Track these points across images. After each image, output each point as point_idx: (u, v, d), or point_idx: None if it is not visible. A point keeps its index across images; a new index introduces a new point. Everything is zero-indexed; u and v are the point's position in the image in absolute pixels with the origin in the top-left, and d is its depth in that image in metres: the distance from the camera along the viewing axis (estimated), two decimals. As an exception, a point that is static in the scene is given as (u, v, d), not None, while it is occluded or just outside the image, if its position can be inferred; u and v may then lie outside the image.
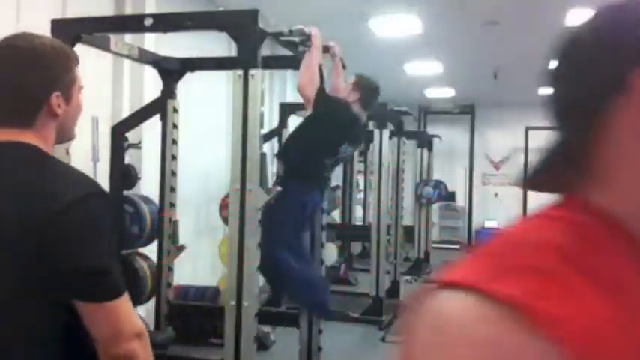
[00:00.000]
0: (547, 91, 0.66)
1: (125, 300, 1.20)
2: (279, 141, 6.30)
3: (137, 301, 4.25)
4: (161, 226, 3.98)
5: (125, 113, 4.73)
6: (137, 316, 1.24)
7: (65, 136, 1.34)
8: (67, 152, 3.11)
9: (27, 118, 1.22)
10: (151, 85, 4.67)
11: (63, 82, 1.26)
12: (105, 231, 1.21)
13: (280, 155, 3.76)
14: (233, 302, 2.75)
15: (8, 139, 1.21)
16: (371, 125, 6.62)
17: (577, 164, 0.61)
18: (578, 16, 6.52)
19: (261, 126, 2.86)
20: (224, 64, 4.32)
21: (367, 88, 3.60)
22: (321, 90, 3.31)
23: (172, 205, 3.99)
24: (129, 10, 4.90)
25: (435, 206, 11.68)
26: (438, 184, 9.65)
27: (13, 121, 1.22)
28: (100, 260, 1.18)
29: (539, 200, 0.77)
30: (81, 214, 1.16)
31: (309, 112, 3.36)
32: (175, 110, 3.99)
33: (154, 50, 4.22)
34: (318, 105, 3.28)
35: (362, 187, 10.29)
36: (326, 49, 3.41)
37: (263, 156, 2.82)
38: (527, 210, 12.67)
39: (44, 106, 1.23)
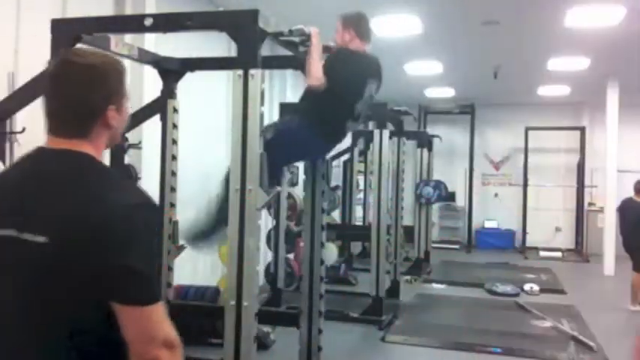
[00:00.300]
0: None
1: (160, 307, 1.26)
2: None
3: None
4: (161, 226, 3.98)
5: (125, 113, 4.73)
6: (170, 326, 1.27)
7: (114, 142, 1.45)
8: (67, 152, 3.12)
9: (84, 129, 1.34)
10: (151, 85, 4.67)
11: (116, 96, 1.37)
12: (149, 240, 1.31)
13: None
14: (233, 302, 2.75)
15: (67, 147, 1.33)
16: (371, 125, 6.63)
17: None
18: (577, 16, 6.56)
19: (261, 126, 2.85)
20: (224, 64, 4.32)
21: (356, 19, 3.60)
22: (326, 59, 3.33)
23: (172, 205, 3.99)
24: (129, 10, 4.90)
25: (435, 206, 11.69)
26: (438, 184, 9.65)
27: (71, 132, 1.34)
28: (141, 266, 1.24)
29: (539, 200, 0.77)
30: (129, 221, 1.25)
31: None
32: (175, 110, 3.99)
33: (154, 50, 4.22)
34: (327, 67, 3.27)
35: (362, 187, 10.30)
36: (326, 49, 3.41)
37: (263, 156, 2.81)
38: (526, 210, 12.69)
39: (100, 119, 1.35)
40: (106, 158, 4.13)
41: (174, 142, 3.97)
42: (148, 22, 3.00)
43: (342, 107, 3.43)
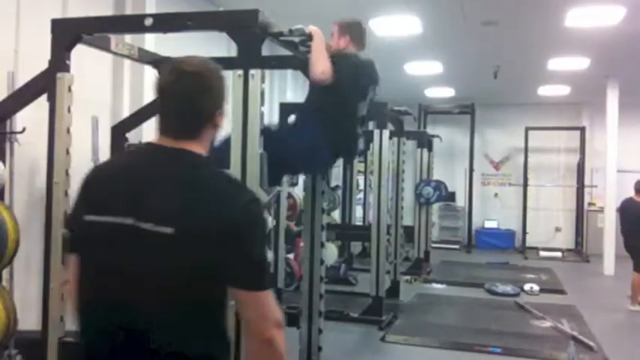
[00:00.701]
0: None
1: (271, 293, 1.43)
2: (279, 141, 6.31)
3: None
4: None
5: (125, 113, 4.73)
6: (278, 308, 1.44)
7: (214, 139, 1.60)
8: (67, 152, 3.11)
9: (196, 131, 1.49)
10: (151, 85, 4.66)
11: (222, 100, 1.54)
12: (263, 232, 1.47)
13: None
14: (233, 302, 2.74)
15: (180, 147, 1.46)
16: (371, 125, 6.62)
17: None
18: (577, 16, 6.56)
19: (261, 126, 2.85)
20: (224, 64, 4.28)
21: (352, 26, 3.58)
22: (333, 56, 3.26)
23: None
24: (129, 10, 4.90)
25: (435, 206, 11.69)
26: (438, 184, 9.65)
27: (184, 133, 1.48)
28: (259, 255, 1.42)
29: (539, 200, 0.77)
30: (251, 215, 1.43)
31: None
32: (175, 110, 3.99)
33: (154, 50, 4.22)
34: (335, 66, 3.18)
35: (362, 187, 10.29)
36: (326, 47, 3.40)
37: (263, 156, 2.80)
38: (526, 210, 12.70)
39: (210, 121, 1.51)
40: (105, 158, 4.13)
41: (174, 142, 3.97)
42: (148, 22, 3.00)
43: (349, 108, 3.37)
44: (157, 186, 1.41)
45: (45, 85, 3.14)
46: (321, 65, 3.12)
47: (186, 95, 1.46)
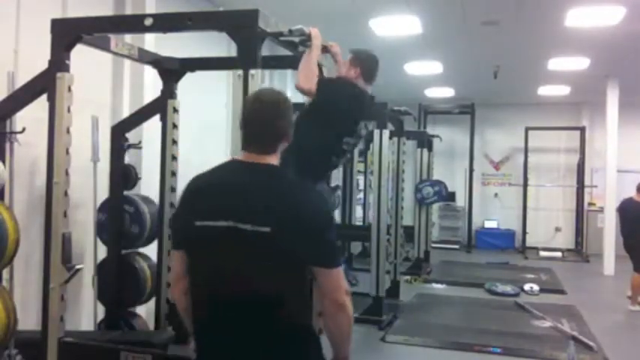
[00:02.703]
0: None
1: (341, 269, 1.86)
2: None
3: (137, 301, 4.26)
4: (161, 226, 3.98)
5: (125, 113, 4.73)
6: (346, 281, 1.88)
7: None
8: (67, 152, 3.11)
9: (274, 148, 1.91)
10: (151, 85, 4.66)
11: (291, 120, 1.96)
12: (333, 222, 1.97)
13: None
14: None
15: (261, 161, 1.88)
16: (371, 125, 6.61)
17: None
18: (577, 16, 6.56)
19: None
20: (224, 64, 4.31)
21: (366, 60, 3.51)
22: (321, 78, 3.18)
23: (172, 205, 3.98)
24: (129, 10, 4.90)
25: (435, 206, 11.69)
26: (438, 184, 9.65)
27: (265, 150, 1.89)
28: (333, 241, 1.89)
29: (539, 200, 0.77)
30: (323, 213, 1.90)
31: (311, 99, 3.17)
32: (175, 110, 3.98)
33: (154, 50, 4.21)
34: (320, 89, 3.06)
35: (362, 187, 10.29)
36: (325, 49, 3.39)
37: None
38: (526, 210, 12.70)
39: (284, 139, 1.92)
40: (105, 158, 4.14)
41: (175, 142, 3.96)
42: (148, 22, 3.00)
43: (331, 137, 3.19)
44: (250, 195, 1.81)
45: (45, 85, 3.14)
46: (306, 75, 3.03)
47: (267, 120, 1.88)
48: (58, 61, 3.11)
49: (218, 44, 5.11)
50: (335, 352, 2.00)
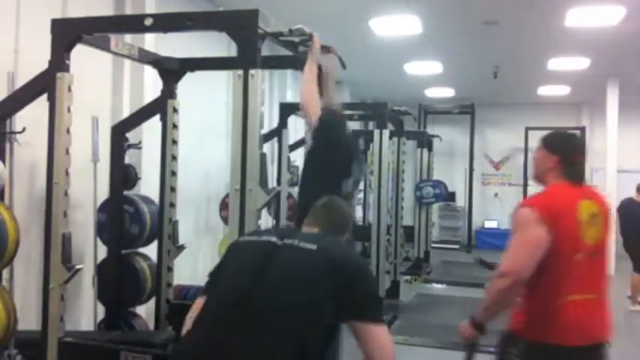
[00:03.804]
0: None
1: (386, 328, 1.81)
2: (279, 141, 6.30)
3: (137, 301, 4.26)
4: (161, 226, 3.98)
5: (125, 113, 4.73)
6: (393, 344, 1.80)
7: None
8: (67, 152, 3.12)
9: (341, 235, 2.17)
10: (151, 85, 4.66)
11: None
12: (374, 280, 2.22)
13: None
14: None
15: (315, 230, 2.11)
16: (371, 125, 6.62)
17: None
18: (577, 16, 6.56)
19: (261, 126, 2.85)
20: (224, 64, 4.31)
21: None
22: (324, 115, 3.10)
23: (172, 205, 3.98)
24: (129, 10, 4.90)
25: (435, 206, 11.68)
26: (438, 184, 9.65)
27: (319, 227, 2.12)
28: (377, 295, 1.92)
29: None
30: (366, 270, 1.97)
31: (311, 124, 3.11)
32: (175, 110, 3.98)
33: (154, 50, 4.21)
34: (321, 133, 3.06)
35: (362, 187, 10.29)
36: (326, 50, 3.39)
37: (263, 156, 2.80)
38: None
39: (346, 233, 2.21)
40: (105, 158, 4.14)
41: (175, 142, 3.97)
42: (148, 22, 3.00)
43: (333, 175, 3.09)
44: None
45: (45, 85, 3.14)
46: (305, 97, 3.08)
47: (333, 216, 2.22)
48: (58, 61, 3.11)
49: (218, 44, 5.11)
50: None
